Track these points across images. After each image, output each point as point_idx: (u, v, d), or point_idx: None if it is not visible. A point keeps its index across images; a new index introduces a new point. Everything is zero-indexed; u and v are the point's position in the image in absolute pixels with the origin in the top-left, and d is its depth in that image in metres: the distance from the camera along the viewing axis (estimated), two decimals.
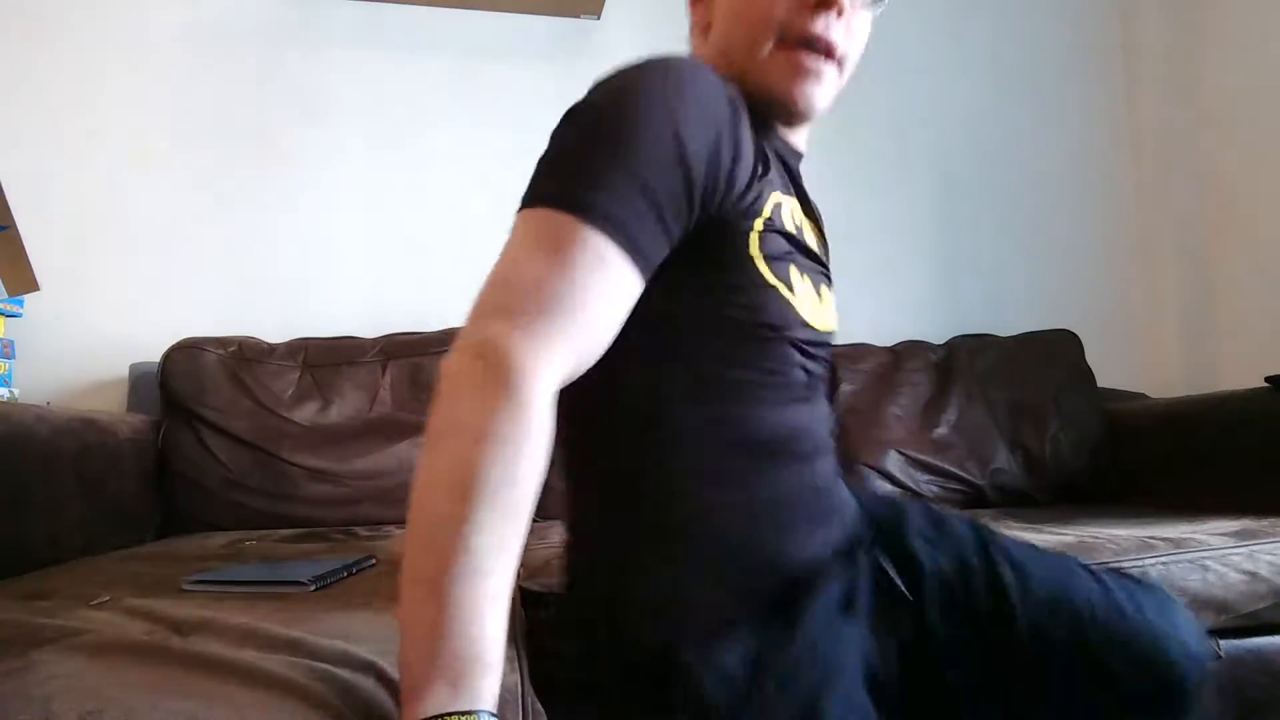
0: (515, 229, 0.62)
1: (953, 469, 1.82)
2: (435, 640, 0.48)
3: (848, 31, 0.76)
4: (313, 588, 0.90)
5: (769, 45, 0.75)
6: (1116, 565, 1.20)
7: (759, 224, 0.69)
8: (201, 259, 1.91)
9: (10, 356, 1.66)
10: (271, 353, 1.71)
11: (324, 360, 1.72)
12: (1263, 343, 2.02)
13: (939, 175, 2.28)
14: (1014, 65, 2.34)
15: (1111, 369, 2.10)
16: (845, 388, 1.91)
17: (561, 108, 0.67)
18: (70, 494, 1.30)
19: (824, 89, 0.77)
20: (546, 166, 0.64)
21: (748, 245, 0.68)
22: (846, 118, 2.25)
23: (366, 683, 0.59)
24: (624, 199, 0.60)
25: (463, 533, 0.49)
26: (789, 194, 0.76)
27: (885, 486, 1.79)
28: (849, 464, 1.83)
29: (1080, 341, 2.01)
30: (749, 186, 0.68)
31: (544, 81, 2.07)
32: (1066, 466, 1.86)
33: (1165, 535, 1.27)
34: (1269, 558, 1.24)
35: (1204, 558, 1.23)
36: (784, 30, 0.75)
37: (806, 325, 0.72)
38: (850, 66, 0.79)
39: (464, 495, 0.50)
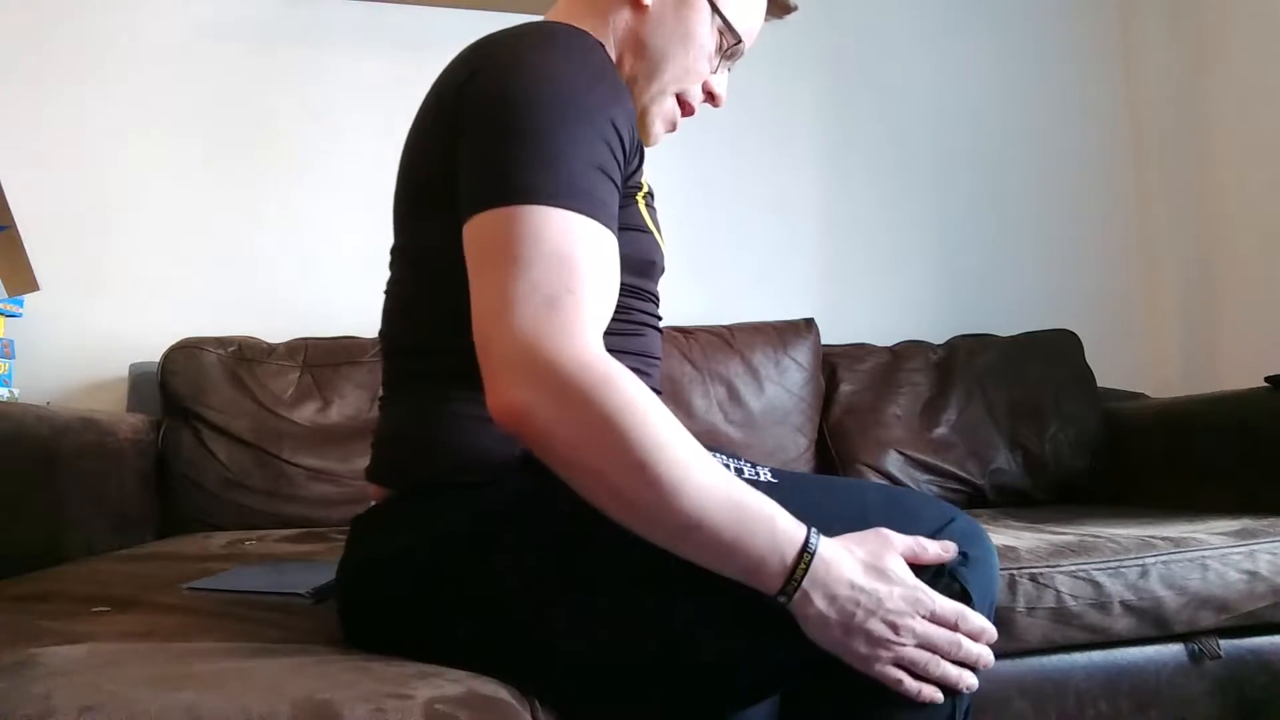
0: (515, 225, 0.62)
1: (953, 469, 1.82)
2: (736, 532, 0.59)
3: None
4: (311, 601, 0.90)
5: (674, 87, 0.83)
6: (1116, 565, 1.20)
7: (644, 184, 0.80)
8: (202, 259, 1.91)
9: (10, 356, 1.66)
10: (271, 353, 1.71)
11: (324, 360, 1.72)
12: (1263, 343, 2.02)
13: (939, 175, 2.28)
14: (1014, 65, 2.34)
15: (1111, 369, 2.10)
16: (845, 388, 1.91)
17: None
18: (70, 494, 1.30)
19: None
20: (523, 159, 0.65)
21: (636, 201, 0.78)
22: (847, 118, 2.27)
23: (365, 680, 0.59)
24: (599, 185, 0.66)
25: (670, 480, 0.58)
26: None
27: None
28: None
29: (1080, 341, 2.01)
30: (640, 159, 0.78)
31: None
32: (1066, 466, 1.86)
33: (1165, 534, 1.27)
34: (1269, 557, 1.24)
35: (1204, 557, 1.23)
36: (697, 87, 0.84)
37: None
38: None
39: (641, 467, 0.57)
